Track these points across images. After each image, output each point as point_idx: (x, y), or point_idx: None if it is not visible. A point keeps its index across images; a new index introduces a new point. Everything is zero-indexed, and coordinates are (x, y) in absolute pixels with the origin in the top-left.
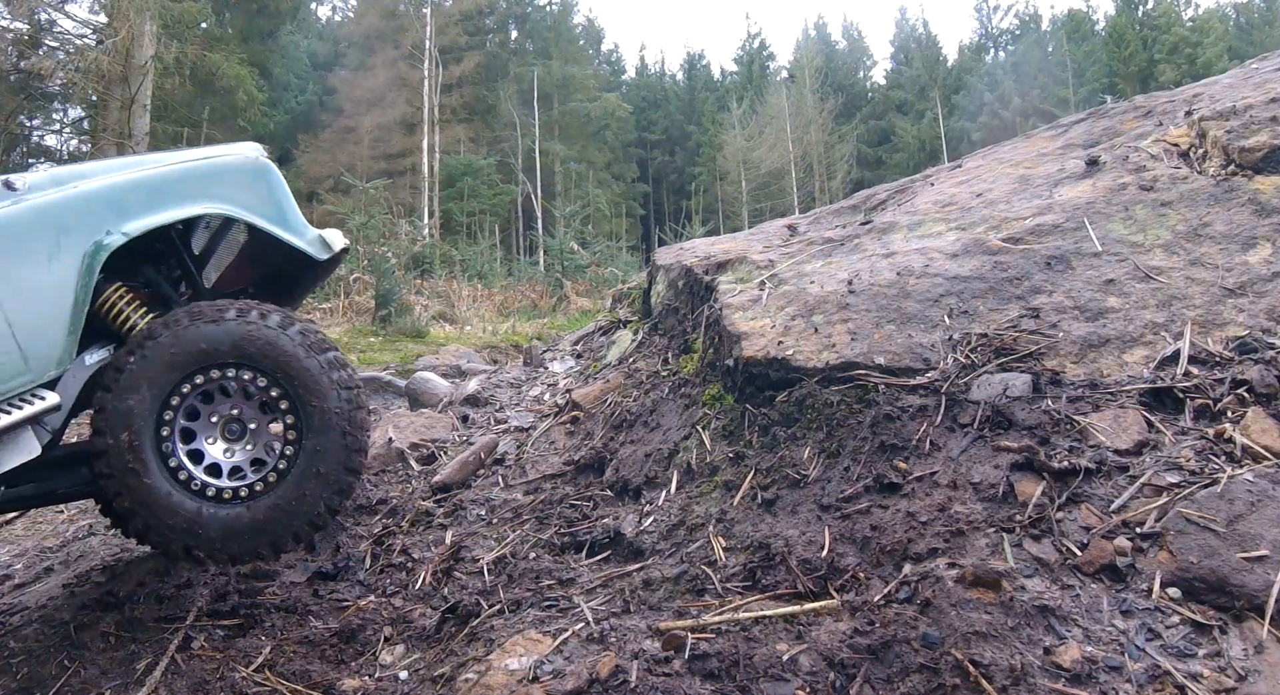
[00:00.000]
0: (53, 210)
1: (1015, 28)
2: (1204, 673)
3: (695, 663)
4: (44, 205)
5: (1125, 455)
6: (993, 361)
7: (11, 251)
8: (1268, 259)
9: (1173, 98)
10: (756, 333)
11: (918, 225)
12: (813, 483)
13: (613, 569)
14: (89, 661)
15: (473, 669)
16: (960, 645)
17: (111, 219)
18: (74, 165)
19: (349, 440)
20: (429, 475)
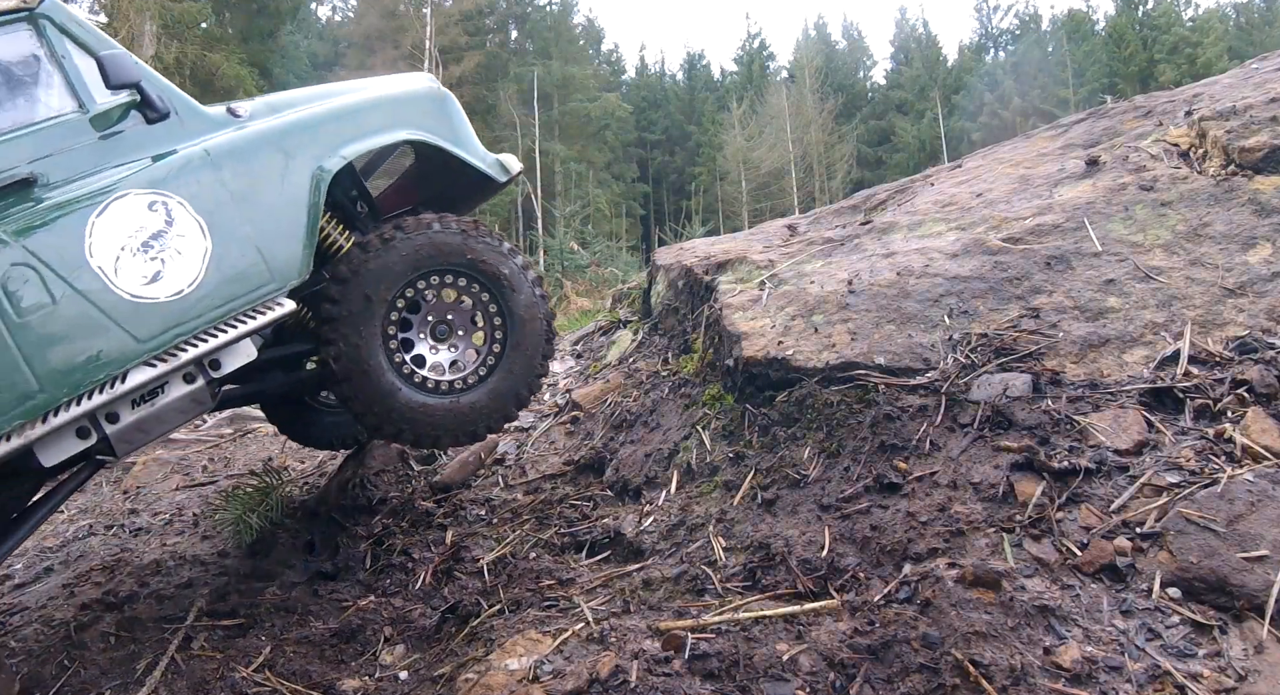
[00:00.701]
0: (279, 135)
1: (1015, 28)
2: (1204, 673)
3: (695, 662)
4: (270, 131)
5: (1125, 455)
6: (993, 361)
7: (249, 173)
8: (1268, 259)
9: (1173, 98)
10: (756, 333)
11: (918, 225)
12: (813, 483)
13: (613, 569)
14: (89, 661)
15: (473, 669)
16: (960, 645)
17: (330, 144)
18: (279, 94)
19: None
20: (429, 475)
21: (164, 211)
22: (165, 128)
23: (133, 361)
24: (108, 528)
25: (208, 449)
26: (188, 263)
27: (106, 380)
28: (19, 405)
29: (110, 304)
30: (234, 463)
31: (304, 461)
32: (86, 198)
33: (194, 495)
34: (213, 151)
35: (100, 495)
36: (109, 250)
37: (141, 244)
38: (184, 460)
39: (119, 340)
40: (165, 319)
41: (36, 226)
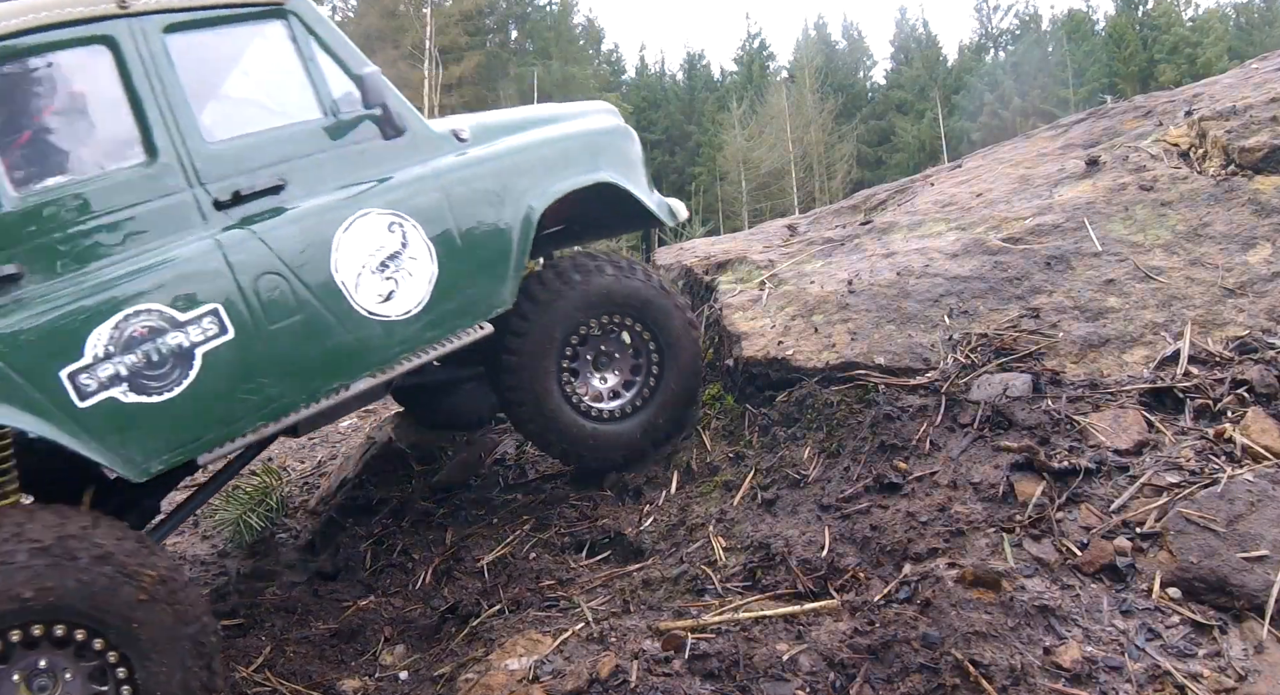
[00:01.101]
0: (499, 168)
1: (1015, 28)
2: (1204, 673)
3: (695, 663)
4: (491, 162)
5: (1125, 455)
6: (993, 361)
7: (472, 202)
8: (1268, 259)
9: (1173, 98)
10: (756, 333)
11: (918, 225)
12: (813, 483)
13: (613, 569)
14: None
15: (473, 669)
16: (960, 645)
17: (541, 182)
18: (488, 116)
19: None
20: (429, 475)
21: (400, 233)
22: (399, 146)
23: (360, 374)
24: None
25: None
26: (417, 285)
27: (337, 388)
28: (263, 408)
29: (349, 318)
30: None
31: (304, 461)
32: (333, 212)
33: None
34: (443, 176)
35: None
36: (352, 266)
37: (380, 263)
38: None
39: (353, 353)
40: (393, 337)
41: (288, 236)
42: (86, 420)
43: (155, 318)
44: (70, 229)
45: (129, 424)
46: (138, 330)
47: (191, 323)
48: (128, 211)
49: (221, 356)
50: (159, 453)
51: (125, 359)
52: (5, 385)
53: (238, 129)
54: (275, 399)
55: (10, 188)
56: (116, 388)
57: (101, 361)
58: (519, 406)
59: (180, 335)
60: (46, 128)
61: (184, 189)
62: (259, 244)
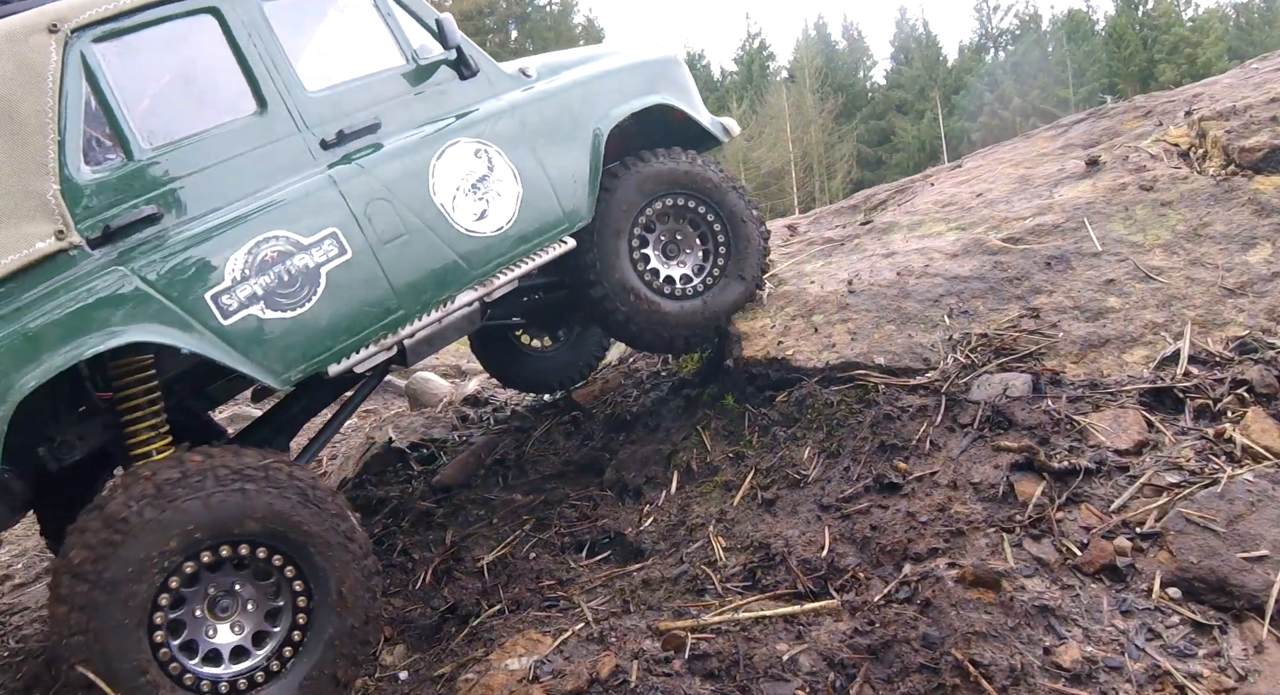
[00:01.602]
0: (565, 96)
1: (1015, 28)
2: (1204, 673)
3: (695, 662)
4: (558, 91)
5: (1125, 455)
6: (993, 361)
7: (546, 127)
8: (1268, 259)
9: (1173, 98)
10: (756, 333)
11: (918, 225)
12: (813, 483)
13: (613, 569)
14: None
15: (473, 669)
16: (960, 645)
17: (605, 106)
18: (552, 56)
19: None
20: (429, 475)
21: (486, 158)
22: (474, 84)
23: (464, 286)
24: None
25: None
26: (506, 203)
27: (445, 300)
28: (382, 320)
29: (450, 236)
30: None
31: None
32: (425, 143)
33: None
34: (518, 108)
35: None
36: (448, 189)
37: (471, 186)
38: None
39: (456, 267)
40: (489, 251)
41: (389, 167)
42: (231, 336)
43: (283, 242)
44: (199, 173)
45: (268, 338)
46: (269, 254)
47: (314, 245)
48: (248, 154)
49: (342, 274)
50: (296, 363)
51: (260, 280)
52: (158, 310)
53: (333, 79)
54: (393, 311)
55: (141, 141)
56: (255, 306)
57: (240, 283)
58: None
59: (306, 257)
60: (168, 89)
61: (293, 133)
62: (365, 175)
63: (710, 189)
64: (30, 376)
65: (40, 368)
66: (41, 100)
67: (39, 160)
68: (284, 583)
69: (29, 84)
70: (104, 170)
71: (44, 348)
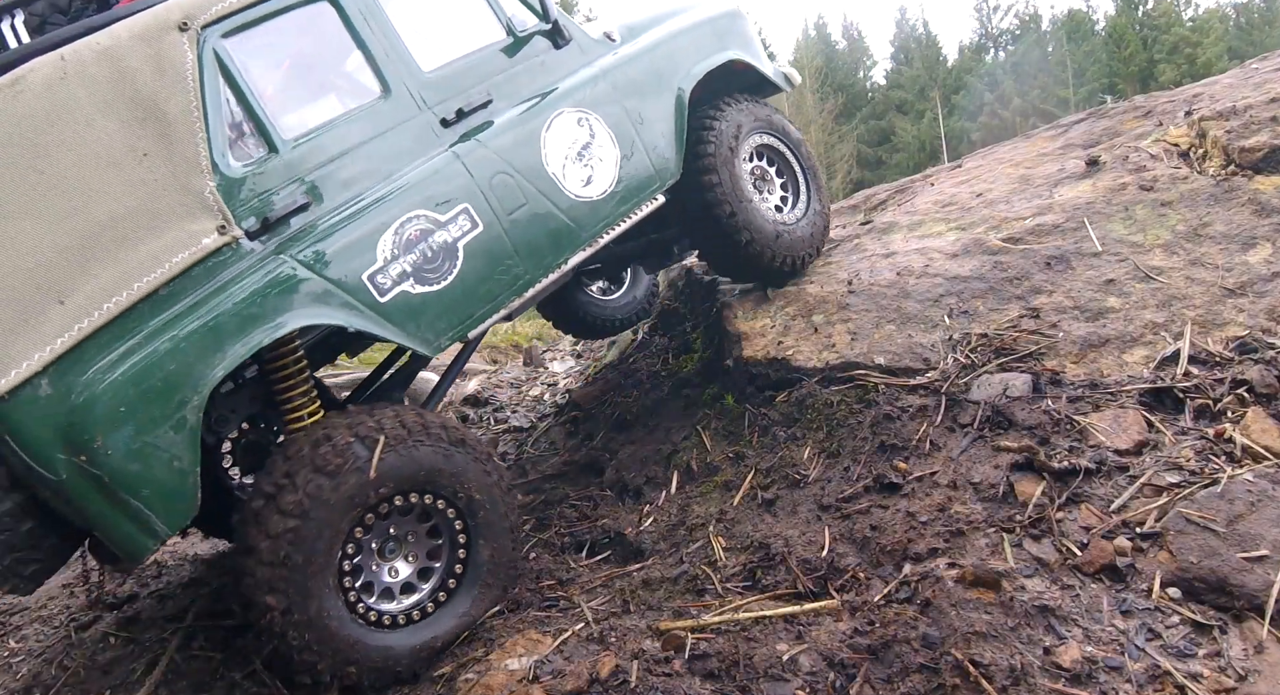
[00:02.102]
0: (649, 59)
1: (1015, 28)
2: (1204, 673)
3: (695, 662)
4: (642, 55)
5: (1125, 455)
6: (993, 361)
7: (635, 91)
8: (1268, 259)
9: (1173, 98)
10: (756, 333)
11: (918, 225)
12: (813, 483)
13: (613, 569)
14: (89, 661)
15: (473, 669)
16: (960, 645)
17: (685, 65)
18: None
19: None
20: None
21: (588, 126)
22: (568, 53)
23: (577, 249)
24: None
25: None
26: (607, 168)
27: (561, 262)
28: (512, 285)
29: (563, 202)
30: None
31: None
32: (534, 115)
33: None
34: (609, 74)
35: None
36: (557, 159)
37: (577, 153)
38: None
39: (570, 231)
40: (596, 214)
41: (506, 141)
42: (388, 312)
43: (424, 221)
44: (336, 160)
45: (420, 311)
46: (413, 233)
47: (450, 221)
48: (378, 139)
49: (477, 246)
50: (445, 331)
51: (408, 258)
52: (324, 294)
53: (445, 57)
54: (521, 276)
55: (281, 132)
56: (406, 283)
57: (391, 263)
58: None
59: (444, 233)
60: (294, 79)
61: (416, 114)
62: (486, 150)
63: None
64: (219, 367)
65: (226, 358)
66: (186, 99)
67: (192, 159)
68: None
69: (172, 83)
70: (252, 164)
71: (226, 338)
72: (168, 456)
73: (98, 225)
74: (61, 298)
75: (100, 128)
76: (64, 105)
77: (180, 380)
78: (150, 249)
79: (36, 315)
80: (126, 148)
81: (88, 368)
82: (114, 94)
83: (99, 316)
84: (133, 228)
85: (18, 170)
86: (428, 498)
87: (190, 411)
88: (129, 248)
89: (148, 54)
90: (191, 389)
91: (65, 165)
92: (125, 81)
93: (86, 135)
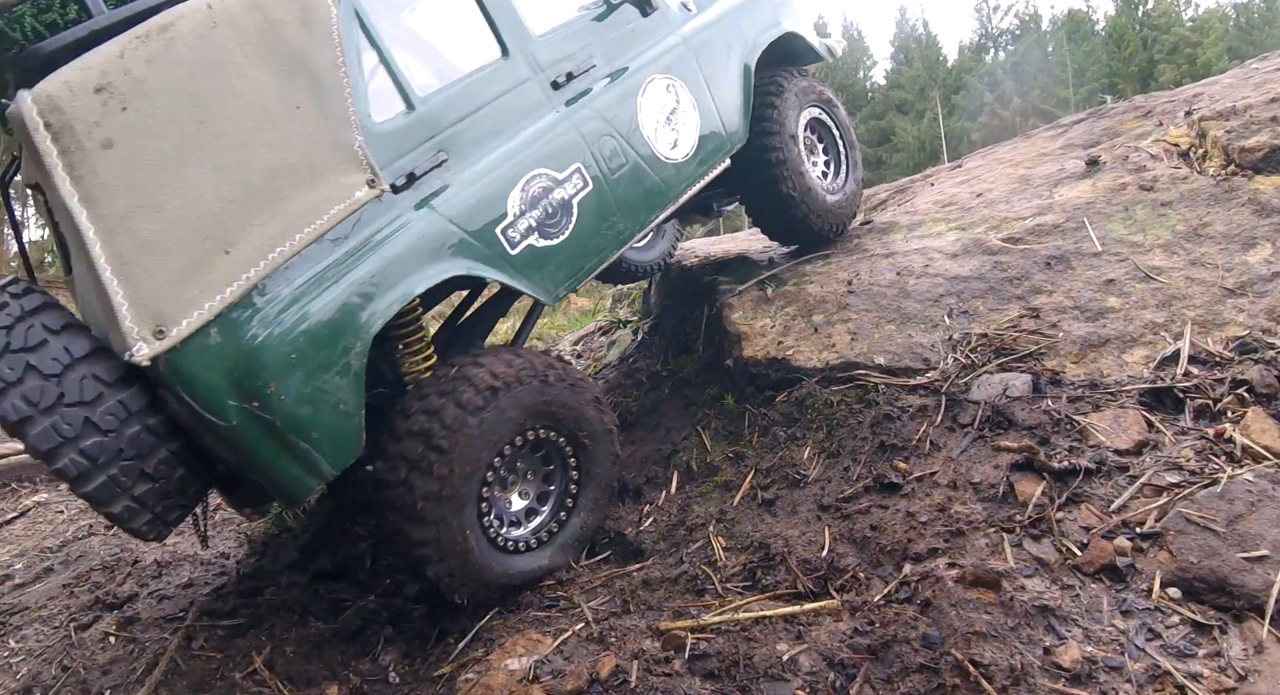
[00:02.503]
0: (720, 29)
1: (1015, 28)
2: (1204, 673)
3: (695, 662)
4: (714, 25)
5: (1125, 455)
6: (993, 361)
7: (711, 59)
8: (1268, 259)
9: (1173, 98)
10: (756, 333)
11: (918, 225)
12: (813, 483)
13: (613, 569)
14: (89, 661)
15: (473, 669)
16: (960, 645)
17: (751, 36)
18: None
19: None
20: None
21: (674, 92)
22: (654, 21)
23: (665, 207)
24: (108, 528)
25: None
26: (690, 132)
27: (653, 220)
28: (616, 240)
29: (656, 164)
30: None
31: None
32: (632, 81)
33: None
34: (688, 41)
35: None
36: (651, 122)
37: (665, 118)
38: None
39: (661, 190)
40: (680, 175)
41: (609, 104)
42: (518, 264)
43: (545, 179)
44: (468, 119)
45: (544, 262)
46: (536, 190)
47: (567, 180)
48: (500, 99)
49: (588, 203)
50: (562, 282)
51: (533, 214)
52: (465, 246)
53: (550, 24)
54: (621, 231)
55: (417, 90)
56: (531, 236)
57: (519, 217)
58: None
59: (561, 190)
60: (428, 45)
61: (531, 77)
62: (594, 113)
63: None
64: (379, 314)
65: (386, 305)
66: (332, 52)
67: (341, 113)
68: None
69: (319, 36)
70: (391, 120)
71: (385, 287)
72: (335, 400)
73: (259, 176)
74: (228, 247)
75: (254, 79)
76: (217, 55)
77: (346, 327)
78: (309, 201)
79: (205, 265)
80: (280, 100)
81: (256, 316)
82: (264, 45)
83: (264, 266)
84: (292, 180)
85: (180, 119)
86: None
87: (355, 357)
88: (289, 199)
89: (293, 6)
90: (355, 335)
91: (224, 116)
92: (274, 33)
93: (241, 86)
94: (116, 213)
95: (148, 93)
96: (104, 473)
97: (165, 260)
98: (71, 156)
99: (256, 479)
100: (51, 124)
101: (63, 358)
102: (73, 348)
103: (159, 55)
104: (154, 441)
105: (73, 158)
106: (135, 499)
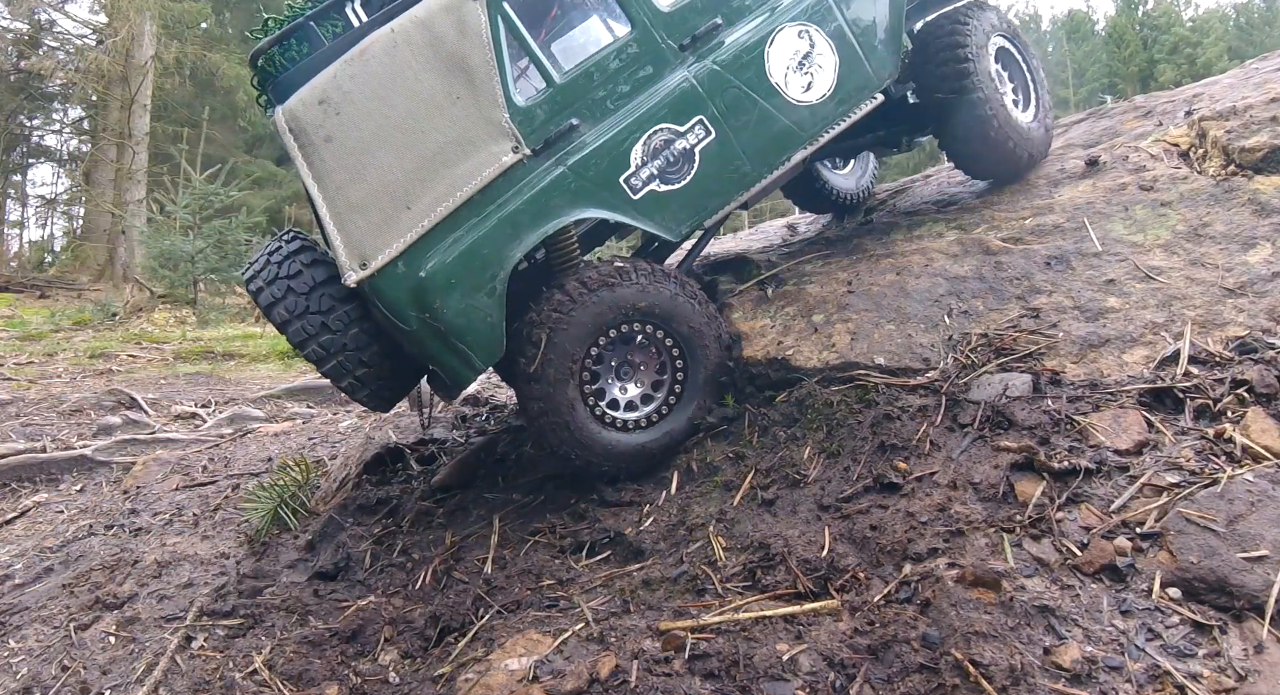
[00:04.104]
0: None
1: None
2: (1204, 673)
3: (695, 662)
4: None
5: (1125, 455)
6: (993, 361)
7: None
8: (1268, 259)
9: (1173, 98)
10: (757, 333)
11: (918, 225)
12: (813, 483)
13: (613, 569)
14: (89, 661)
15: (473, 669)
16: (960, 645)
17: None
18: None
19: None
20: (429, 475)
21: (808, 38)
22: None
23: (797, 148)
24: (108, 528)
25: (208, 449)
26: (826, 74)
27: (784, 161)
28: (741, 182)
29: (784, 108)
30: (234, 463)
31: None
32: (757, 34)
33: (194, 495)
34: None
35: (100, 495)
36: (780, 69)
37: (797, 63)
38: (184, 460)
39: (791, 133)
40: (816, 116)
41: (733, 58)
42: (640, 207)
43: (666, 133)
44: (600, 87)
45: (665, 205)
46: (658, 143)
47: (688, 131)
48: (629, 67)
49: (711, 151)
50: (685, 221)
51: (654, 163)
52: (591, 194)
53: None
54: (749, 174)
55: (553, 71)
56: (653, 183)
57: (641, 167)
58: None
59: (683, 141)
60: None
61: (657, 44)
62: (716, 68)
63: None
64: (518, 249)
65: (523, 243)
66: (484, 52)
67: (492, 97)
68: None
69: (472, 41)
70: (534, 96)
71: (521, 229)
72: (483, 313)
73: (430, 152)
74: (409, 205)
75: (425, 81)
76: (398, 66)
77: (491, 260)
78: (467, 167)
79: (393, 218)
80: (444, 94)
81: (427, 252)
82: (431, 53)
83: (434, 217)
84: (453, 152)
85: (375, 117)
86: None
87: (499, 282)
88: (452, 167)
89: (452, 20)
90: (499, 265)
91: (405, 110)
92: (439, 43)
93: (416, 87)
94: (335, 184)
95: (353, 100)
96: (335, 358)
97: (367, 215)
98: (306, 150)
99: (434, 369)
100: (293, 129)
101: (310, 282)
102: (316, 276)
103: (359, 72)
104: (367, 340)
105: (307, 150)
106: (356, 378)
